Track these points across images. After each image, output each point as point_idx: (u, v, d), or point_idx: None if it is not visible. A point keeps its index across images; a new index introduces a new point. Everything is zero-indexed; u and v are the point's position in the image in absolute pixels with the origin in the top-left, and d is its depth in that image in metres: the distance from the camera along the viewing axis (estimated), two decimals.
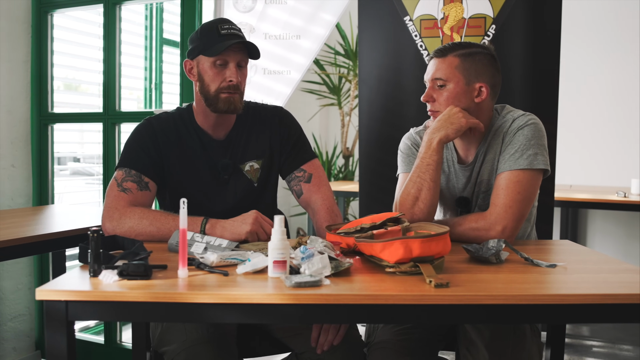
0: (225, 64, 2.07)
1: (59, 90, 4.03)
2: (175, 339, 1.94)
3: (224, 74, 2.08)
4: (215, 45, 2.04)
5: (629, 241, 4.93)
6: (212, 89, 2.08)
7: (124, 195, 2.02)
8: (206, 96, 2.10)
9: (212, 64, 2.07)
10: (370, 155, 3.06)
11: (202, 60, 2.09)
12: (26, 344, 3.70)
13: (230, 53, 2.06)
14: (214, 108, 2.10)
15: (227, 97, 2.08)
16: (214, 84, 2.08)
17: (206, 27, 2.11)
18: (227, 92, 2.08)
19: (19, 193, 3.64)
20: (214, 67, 2.07)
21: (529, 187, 1.97)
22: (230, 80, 2.07)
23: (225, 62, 2.07)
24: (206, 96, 2.10)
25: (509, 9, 2.77)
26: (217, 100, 2.08)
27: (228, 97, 2.08)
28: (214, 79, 2.08)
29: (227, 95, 2.08)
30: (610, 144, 4.89)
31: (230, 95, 2.08)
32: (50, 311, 1.38)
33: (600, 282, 1.53)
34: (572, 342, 3.99)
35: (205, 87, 2.09)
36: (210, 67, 2.08)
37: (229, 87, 2.07)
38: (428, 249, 1.51)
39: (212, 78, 2.08)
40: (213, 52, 2.04)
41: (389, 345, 1.96)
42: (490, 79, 2.06)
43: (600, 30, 4.88)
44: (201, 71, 2.10)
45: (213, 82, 2.08)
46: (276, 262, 1.49)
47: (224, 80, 2.07)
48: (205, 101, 2.11)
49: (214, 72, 2.08)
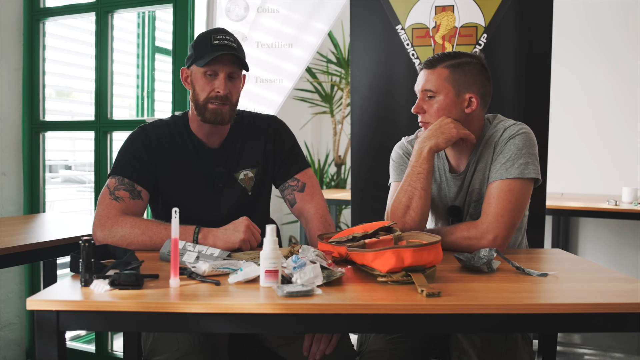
0: (214, 74, 2.08)
1: (51, 98, 4.02)
2: (167, 349, 1.93)
3: (212, 84, 2.08)
4: (205, 55, 2.05)
5: (620, 249, 4.94)
6: (200, 99, 2.09)
7: (116, 203, 2.02)
8: (196, 105, 2.11)
9: (202, 73, 2.08)
10: (362, 163, 3.06)
11: (195, 70, 2.10)
12: (16, 352, 3.68)
13: (219, 64, 2.07)
14: (202, 118, 2.11)
15: (215, 109, 2.08)
16: (202, 93, 2.09)
17: (201, 37, 2.12)
18: (214, 102, 2.08)
19: (10, 201, 3.63)
20: (204, 77, 2.08)
21: (520, 196, 1.98)
22: (218, 91, 2.07)
23: (215, 72, 2.07)
24: (196, 105, 2.11)
25: (500, 17, 2.79)
26: (205, 110, 2.09)
27: (215, 108, 2.08)
28: (203, 88, 2.09)
29: (214, 107, 2.08)
30: (601, 152, 4.91)
31: (218, 106, 2.08)
32: (41, 321, 1.37)
33: (591, 291, 1.54)
34: (564, 350, 3.99)
35: (196, 96, 2.11)
36: (200, 77, 2.09)
37: (217, 98, 2.08)
38: (420, 259, 1.52)
39: (201, 87, 2.09)
40: (202, 62, 2.05)
41: (381, 355, 1.96)
42: (480, 88, 2.06)
43: (592, 38, 4.91)
44: (193, 80, 2.11)
45: (202, 92, 2.09)
46: (268, 271, 1.48)
47: (212, 91, 2.08)
48: (196, 110, 2.12)
49: (204, 82, 2.08)
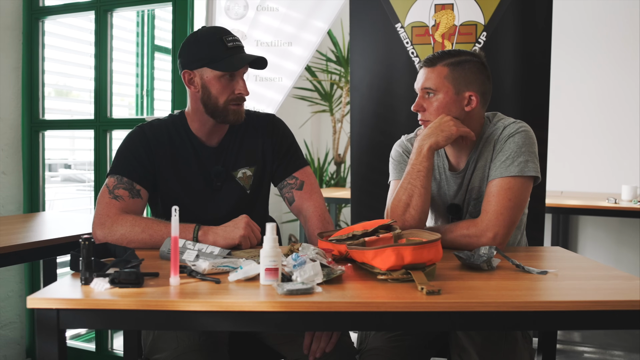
0: (232, 76, 2.08)
1: (50, 96, 4.02)
2: (167, 347, 1.94)
3: (232, 86, 2.08)
4: (224, 59, 2.04)
5: (620, 247, 4.95)
6: (220, 101, 2.08)
7: (116, 202, 2.02)
8: (213, 107, 2.09)
9: (219, 76, 2.06)
10: (362, 161, 3.06)
11: (207, 72, 2.07)
12: (17, 351, 3.68)
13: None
14: (223, 119, 2.11)
15: (236, 109, 2.10)
16: (222, 96, 2.08)
17: (208, 38, 2.08)
18: (235, 104, 2.10)
19: (10, 200, 3.63)
20: (222, 80, 2.07)
21: (519, 194, 1.98)
22: (240, 93, 2.09)
23: (232, 74, 2.08)
24: (213, 107, 2.09)
25: (500, 16, 2.79)
26: (226, 112, 2.09)
27: (237, 108, 2.10)
28: (222, 91, 2.08)
29: (236, 107, 2.10)
30: (601, 150, 4.92)
31: (239, 107, 2.11)
32: (42, 319, 1.37)
33: (591, 289, 1.54)
34: (564, 348, 4.00)
35: (213, 99, 2.08)
36: (217, 80, 2.07)
37: (238, 99, 2.09)
38: (420, 256, 1.52)
39: (220, 91, 2.07)
40: (225, 67, 2.04)
41: (381, 352, 1.97)
42: (480, 87, 2.06)
43: (592, 37, 4.91)
44: (207, 83, 2.08)
45: (222, 95, 2.08)
46: (268, 269, 1.48)
47: (232, 93, 2.08)
48: (211, 112, 2.10)
49: (222, 84, 2.07)
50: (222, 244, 1.88)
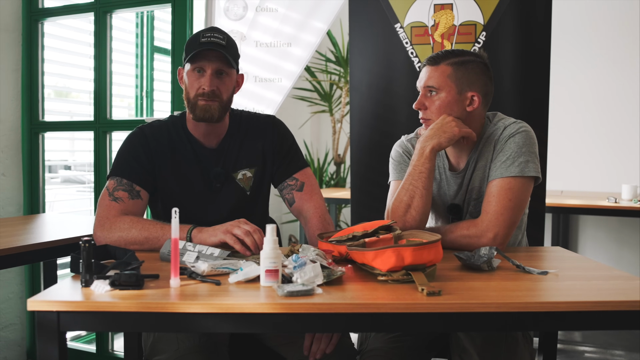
0: (202, 71, 2.09)
1: (50, 98, 4.02)
2: (167, 349, 1.94)
3: (200, 81, 2.09)
4: (192, 52, 2.06)
5: (620, 247, 4.94)
6: (191, 96, 2.10)
7: (115, 204, 2.02)
8: (188, 102, 2.12)
9: (191, 70, 2.09)
10: (362, 162, 3.06)
11: (186, 67, 2.11)
12: (17, 353, 3.68)
13: (205, 61, 2.07)
14: (194, 115, 2.12)
15: (204, 105, 2.09)
16: (192, 90, 2.10)
17: (192, 36, 2.13)
18: (202, 99, 2.09)
19: (10, 202, 3.63)
20: (192, 74, 2.09)
21: (520, 195, 1.98)
22: (203, 87, 2.08)
23: (202, 69, 2.08)
24: (188, 102, 2.12)
25: (499, 16, 2.79)
26: (195, 107, 2.10)
27: (204, 104, 2.09)
28: (191, 85, 2.10)
29: (203, 103, 2.09)
30: (601, 149, 4.91)
31: (207, 102, 2.09)
32: (42, 322, 1.37)
33: (592, 289, 1.54)
34: (564, 347, 4.00)
35: (187, 94, 2.12)
36: (189, 74, 2.10)
37: (203, 95, 2.08)
38: (420, 257, 1.52)
39: (190, 84, 2.10)
40: (190, 58, 2.07)
41: (381, 353, 1.96)
42: (483, 87, 2.06)
43: (591, 36, 4.91)
44: (186, 77, 2.12)
45: (192, 89, 2.10)
46: (268, 271, 1.48)
47: (200, 87, 2.09)
48: (190, 108, 2.12)
49: (192, 79, 2.10)
50: (209, 242, 1.88)
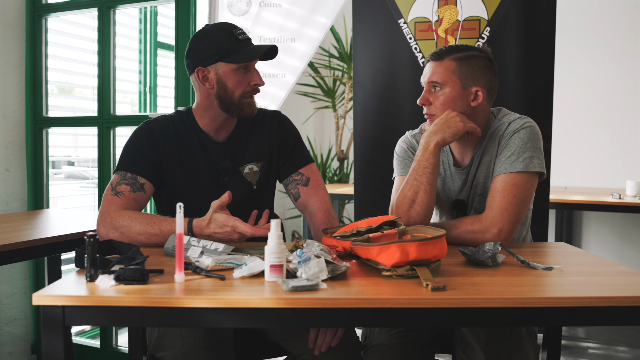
0: (247, 68, 2.09)
1: (53, 94, 4.02)
2: (172, 344, 1.94)
3: (247, 78, 2.09)
4: (239, 51, 2.05)
5: (624, 243, 4.94)
6: (236, 94, 2.09)
7: (117, 199, 2.02)
8: (229, 102, 2.09)
9: (235, 69, 2.07)
10: (365, 157, 3.06)
11: (222, 67, 2.07)
12: (22, 348, 3.69)
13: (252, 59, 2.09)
14: (238, 113, 2.12)
15: (250, 102, 2.12)
16: (238, 89, 2.09)
17: (219, 33, 2.09)
18: (250, 96, 2.11)
19: (14, 197, 3.63)
20: (237, 73, 2.08)
21: (524, 190, 1.98)
22: (256, 83, 2.10)
23: (247, 66, 2.09)
24: (229, 102, 2.09)
25: (503, 11, 2.78)
26: (241, 105, 2.10)
27: (250, 101, 2.12)
28: (238, 84, 2.08)
29: (249, 100, 2.12)
30: (605, 145, 4.91)
31: (252, 99, 2.13)
32: (47, 316, 1.38)
33: (596, 285, 1.54)
34: (568, 343, 4.00)
35: (229, 93, 2.09)
36: (233, 73, 2.07)
37: (253, 91, 2.11)
38: (424, 253, 1.52)
39: (236, 83, 2.08)
40: (241, 58, 2.06)
41: (386, 348, 1.97)
42: (487, 82, 2.06)
43: (595, 32, 4.90)
44: (222, 77, 2.08)
45: (238, 87, 2.08)
46: (273, 266, 1.49)
47: (249, 85, 2.09)
48: (227, 107, 2.10)
49: (238, 77, 2.08)
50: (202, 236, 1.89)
